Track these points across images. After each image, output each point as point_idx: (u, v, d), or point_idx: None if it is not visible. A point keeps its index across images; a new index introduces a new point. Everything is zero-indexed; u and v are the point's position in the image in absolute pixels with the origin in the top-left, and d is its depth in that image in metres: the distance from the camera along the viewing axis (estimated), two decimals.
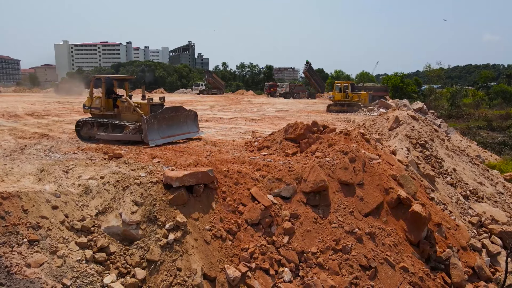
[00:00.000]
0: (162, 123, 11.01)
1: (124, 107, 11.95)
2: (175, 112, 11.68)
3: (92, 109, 12.34)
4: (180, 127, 11.73)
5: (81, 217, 5.51)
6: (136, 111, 11.34)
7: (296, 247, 6.17)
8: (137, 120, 11.30)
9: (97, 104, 12.21)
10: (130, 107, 11.67)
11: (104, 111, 12.06)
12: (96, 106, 12.21)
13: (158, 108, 11.67)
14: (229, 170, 7.00)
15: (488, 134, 29.16)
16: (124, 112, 11.94)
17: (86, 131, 12.09)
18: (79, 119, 12.57)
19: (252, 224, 6.27)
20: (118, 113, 12.06)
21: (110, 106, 12.22)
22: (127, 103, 11.74)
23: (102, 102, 12.08)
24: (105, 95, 12.14)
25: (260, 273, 5.64)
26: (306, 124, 9.72)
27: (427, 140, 10.28)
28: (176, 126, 11.57)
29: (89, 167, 7.38)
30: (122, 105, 11.97)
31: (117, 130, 11.46)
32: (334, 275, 5.85)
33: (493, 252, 7.64)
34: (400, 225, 7.05)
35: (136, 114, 11.40)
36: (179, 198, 5.97)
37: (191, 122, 12.23)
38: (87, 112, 12.72)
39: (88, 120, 12.13)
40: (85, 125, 12.18)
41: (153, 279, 5.14)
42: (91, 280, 4.81)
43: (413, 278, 6.13)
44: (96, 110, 12.19)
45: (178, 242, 5.49)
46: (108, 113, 12.06)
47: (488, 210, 8.79)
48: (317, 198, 6.94)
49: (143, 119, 10.45)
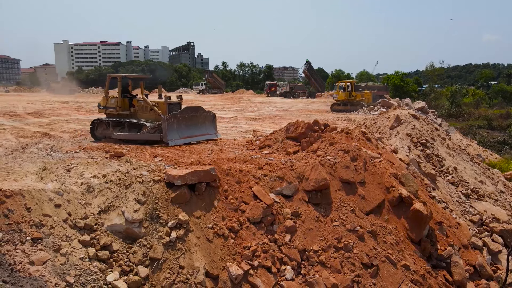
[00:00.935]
0: (181, 123, 10.84)
1: (140, 107, 11.81)
2: (195, 112, 11.46)
3: (107, 109, 12.16)
4: (198, 128, 11.51)
5: (84, 215, 5.52)
6: (153, 110, 11.17)
7: (298, 245, 6.18)
8: (155, 119, 11.16)
9: (112, 103, 12.03)
10: (147, 106, 11.49)
11: (120, 110, 11.87)
12: (111, 106, 12.04)
13: (175, 107, 11.51)
14: (230, 168, 7.01)
15: (488, 133, 29.18)
16: (141, 111, 11.81)
17: (102, 131, 11.94)
18: (95, 119, 12.39)
19: (254, 222, 6.28)
20: (134, 112, 11.94)
21: (125, 105, 12.08)
22: (144, 102, 11.56)
23: (118, 101, 11.89)
24: (121, 95, 11.96)
25: (262, 271, 5.65)
26: (307, 122, 9.73)
27: (428, 139, 10.30)
28: (194, 127, 11.37)
29: (91, 165, 7.40)
30: (139, 105, 11.84)
31: (133, 130, 11.31)
32: (336, 273, 5.86)
33: (494, 251, 7.66)
34: (402, 224, 7.06)
35: (153, 114, 11.25)
36: (181, 196, 5.99)
37: (209, 124, 11.98)
38: (102, 112, 12.56)
39: (104, 120, 11.98)
40: (100, 125, 12.03)
41: (155, 277, 5.16)
42: (94, 278, 4.83)
43: (415, 276, 6.14)
44: (112, 109, 12.02)
45: (181, 240, 5.51)
46: (124, 112, 11.90)
47: (489, 208, 8.81)
48: (319, 197, 6.95)
49: (163, 118, 10.27)
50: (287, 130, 9.97)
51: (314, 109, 27.42)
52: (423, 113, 19.95)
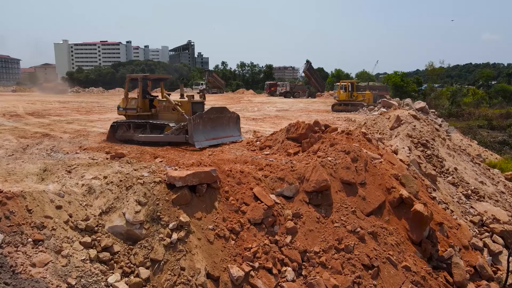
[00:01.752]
0: (207, 124, 10.49)
1: (162, 107, 11.48)
2: (220, 113, 11.14)
3: (127, 110, 11.84)
4: (223, 129, 11.18)
5: (85, 217, 5.53)
6: (176, 110, 10.88)
7: (299, 246, 6.19)
8: (177, 120, 10.84)
9: (133, 105, 11.72)
10: (169, 106, 11.17)
11: (140, 111, 11.57)
12: (132, 107, 11.72)
13: (199, 106, 11.21)
14: (231, 169, 7.02)
15: (489, 133, 29.18)
16: (162, 112, 11.51)
17: (122, 134, 11.64)
18: (115, 121, 12.02)
19: (255, 224, 6.29)
20: (156, 113, 11.64)
21: (146, 106, 11.76)
22: (167, 102, 11.24)
23: (139, 102, 11.58)
24: (141, 95, 11.68)
25: (263, 272, 5.66)
26: (308, 123, 9.71)
27: (429, 140, 10.30)
28: (219, 128, 11.04)
29: (92, 167, 7.41)
30: (160, 105, 11.53)
31: (156, 131, 11.01)
32: (337, 274, 5.87)
33: (495, 251, 7.66)
34: (402, 225, 7.07)
35: (176, 114, 10.96)
36: (182, 197, 5.99)
37: (233, 125, 11.69)
38: (121, 113, 12.20)
39: (124, 122, 11.62)
40: (120, 127, 11.71)
41: (157, 278, 5.16)
42: (95, 280, 4.83)
43: (415, 277, 6.15)
44: (132, 111, 11.70)
45: (182, 241, 5.51)
46: (145, 113, 11.61)
47: (489, 209, 8.81)
48: (320, 198, 6.96)
49: (189, 119, 9.95)
50: (288, 131, 9.97)
51: (314, 109, 27.41)
52: (424, 113, 19.94)
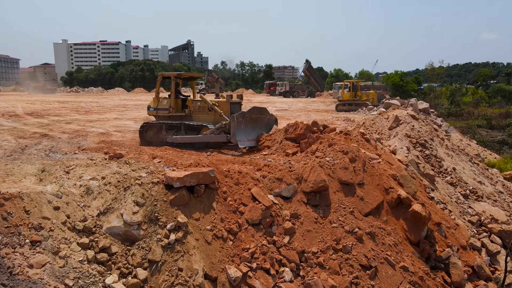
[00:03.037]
0: (248, 124, 10.09)
1: (196, 107, 11.10)
2: (260, 114, 10.69)
3: (158, 111, 11.39)
4: (262, 131, 10.72)
5: (83, 218, 5.52)
6: (212, 111, 10.54)
7: (297, 247, 6.19)
8: (214, 121, 10.56)
9: (164, 105, 11.28)
10: (204, 107, 10.80)
11: (173, 112, 11.14)
12: (163, 107, 11.28)
13: (236, 106, 10.90)
14: (229, 170, 7.02)
15: (488, 132, 29.17)
16: (197, 112, 11.12)
17: (152, 135, 11.17)
18: (145, 122, 11.50)
19: (253, 224, 6.29)
20: (189, 114, 11.22)
21: (179, 106, 11.33)
22: (204, 102, 10.84)
23: (171, 102, 11.17)
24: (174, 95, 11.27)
25: (261, 273, 5.66)
26: (306, 124, 9.69)
27: (427, 140, 10.31)
28: (259, 130, 10.62)
29: (90, 167, 7.39)
30: (194, 105, 11.14)
31: (191, 133, 10.61)
32: (335, 275, 5.88)
33: (493, 251, 7.67)
34: (400, 225, 7.07)
35: (212, 115, 10.63)
36: (180, 198, 5.99)
37: (271, 128, 11.10)
38: (152, 114, 11.71)
39: (155, 123, 11.16)
40: (150, 128, 11.23)
41: (154, 279, 5.17)
42: (93, 281, 4.84)
43: (413, 278, 6.16)
44: (164, 111, 11.26)
45: (180, 242, 5.51)
46: (178, 114, 11.16)
47: (487, 209, 8.82)
48: (318, 198, 6.96)
49: (232, 117, 9.60)
50: (286, 131, 9.96)
51: (314, 109, 27.41)
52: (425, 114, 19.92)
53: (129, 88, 73.37)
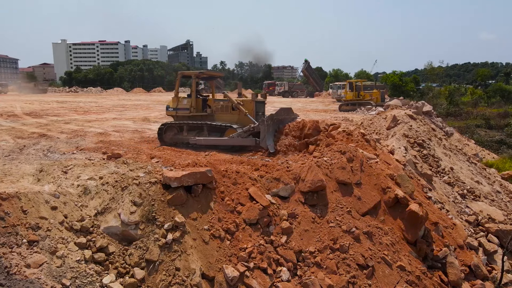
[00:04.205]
0: (275, 126, 9.62)
1: (219, 107, 10.57)
2: (286, 114, 10.26)
3: (178, 111, 10.90)
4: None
5: (80, 218, 5.54)
6: (237, 110, 10.11)
7: (294, 246, 6.21)
8: (238, 121, 10.13)
9: (185, 104, 10.79)
10: (228, 106, 10.33)
11: (194, 112, 10.64)
12: (184, 107, 10.79)
13: (261, 106, 10.45)
14: (227, 170, 7.03)
15: (486, 132, 29.24)
16: (219, 112, 10.58)
17: (172, 136, 10.74)
18: (164, 123, 11.03)
19: (251, 224, 6.31)
20: (211, 113, 10.67)
21: (199, 106, 10.83)
22: (229, 100, 10.32)
23: (192, 102, 10.69)
24: (195, 94, 10.75)
25: (258, 272, 5.68)
26: (314, 122, 9.23)
27: (425, 139, 10.33)
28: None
29: (88, 167, 7.40)
30: (216, 105, 10.63)
31: (214, 134, 10.16)
32: (332, 274, 5.90)
33: (490, 251, 7.70)
34: (398, 224, 7.10)
35: (236, 115, 10.18)
36: (178, 198, 6.01)
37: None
38: (171, 114, 11.21)
39: (175, 124, 10.70)
40: (170, 129, 10.76)
41: (152, 279, 5.18)
42: (90, 280, 4.85)
43: (410, 277, 6.18)
44: (184, 111, 10.77)
45: (177, 242, 5.53)
46: (199, 114, 10.69)
47: (485, 209, 8.85)
48: (315, 198, 6.98)
49: (262, 120, 9.07)
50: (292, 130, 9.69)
51: (312, 109, 27.40)
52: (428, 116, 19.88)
53: (128, 88, 73.32)
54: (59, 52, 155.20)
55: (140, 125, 15.96)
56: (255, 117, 10.06)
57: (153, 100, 39.03)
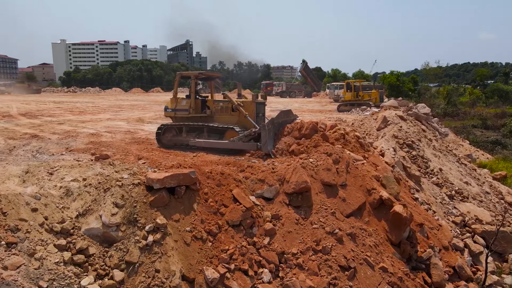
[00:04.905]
0: (276, 130, 9.43)
1: (219, 108, 10.43)
2: (287, 116, 10.10)
3: (177, 112, 10.76)
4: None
5: (61, 219, 5.54)
6: (237, 111, 9.96)
7: (277, 248, 6.22)
8: (238, 122, 10.02)
9: (184, 105, 10.62)
10: (227, 107, 10.20)
11: (193, 113, 10.49)
12: (182, 108, 10.61)
13: (261, 107, 10.29)
14: (212, 171, 7.04)
15: (483, 132, 29.21)
16: (219, 113, 10.43)
17: (171, 138, 10.57)
18: (162, 124, 10.86)
19: (233, 225, 6.32)
20: (211, 114, 10.52)
21: (199, 107, 10.65)
22: (229, 102, 10.16)
23: (191, 103, 10.52)
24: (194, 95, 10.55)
25: (239, 274, 5.69)
26: (312, 123, 9.15)
27: (414, 140, 10.33)
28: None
29: (74, 168, 7.40)
30: (216, 106, 10.50)
31: (214, 135, 10.02)
32: (313, 276, 5.90)
33: (475, 252, 7.71)
34: (382, 226, 7.11)
35: (236, 116, 10.04)
36: (160, 199, 6.01)
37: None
38: (170, 115, 11.07)
39: (173, 125, 10.52)
40: (168, 130, 10.60)
41: (131, 280, 5.19)
42: (68, 282, 4.85)
43: (392, 278, 6.18)
44: (183, 112, 10.61)
45: (158, 243, 5.54)
46: (198, 115, 10.51)
47: (472, 209, 8.85)
48: (300, 199, 6.99)
49: (263, 125, 8.89)
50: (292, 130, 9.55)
51: (308, 109, 27.40)
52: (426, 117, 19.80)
53: (126, 88, 73.34)
54: (58, 52, 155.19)
55: (133, 126, 15.96)
56: (255, 119, 9.95)
57: (150, 100, 39.03)
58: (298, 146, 8.92)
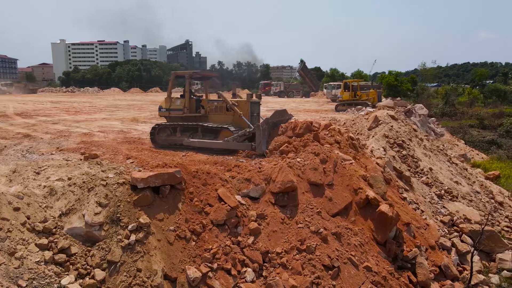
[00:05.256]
0: (270, 130, 9.35)
1: (213, 107, 10.42)
2: (281, 116, 10.00)
3: (171, 111, 10.71)
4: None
5: (43, 219, 5.55)
6: (231, 111, 9.92)
7: (261, 247, 6.22)
8: (232, 122, 10.00)
9: (178, 105, 10.56)
10: (222, 107, 10.16)
11: (187, 112, 10.47)
12: (177, 108, 10.56)
13: (256, 107, 10.23)
14: (198, 171, 7.04)
15: (479, 132, 29.21)
16: (214, 113, 10.42)
17: (165, 138, 10.56)
18: (156, 124, 10.84)
19: (218, 225, 6.32)
20: (205, 114, 10.51)
21: (193, 107, 10.62)
22: (223, 101, 10.12)
23: (186, 102, 10.46)
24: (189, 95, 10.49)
25: (221, 273, 5.69)
26: (306, 123, 9.10)
27: (405, 140, 10.33)
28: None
29: (62, 168, 7.41)
30: (211, 105, 10.48)
31: (208, 135, 9.98)
32: (297, 275, 5.91)
33: (462, 251, 7.71)
34: (368, 225, 7.11)
35: (231, 116, 10.01)
36: (144, 199, 6.02)
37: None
38: (164, 115, 11.01)
39: (168, 125, 10.50)
40: (162, 130, 10.58)
41: (112, 280, 5.19)
42: (48, 282, 4.86)
43: (376, 278, 6.19)
44: (177, 112, 10.56)
45: (140, 243, 5.54)
46: (192, 115, 10.51)
47: (461, 209, 8.85)
48: (286, 199, 6.99)
49: (257, 125, 8.89)
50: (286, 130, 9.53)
51: (305, 109, 27.40)
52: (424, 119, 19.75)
53: (125, 88, 73.35)
54: (58, 52, 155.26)
55: (127, 126, 15.97)
56: (249, 118, 9.91)
57: (148, 100, 39.05)
58: (288, 145, 8.93)
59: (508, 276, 7.63)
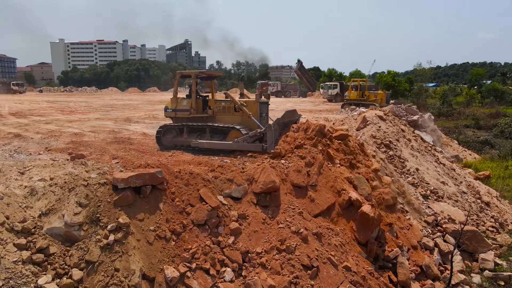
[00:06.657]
0: (281, 130, 9.22)
1: (221, 108, 10.29)
2: (292, 116, 9.88)
3: (177, 112, 10.54)
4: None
5: (23, 219, 5.58)
6: (239, 111, 9.80)
7: (241, 247, 6.27)
8: (241, 122, 9.84)
9: (184, 105, 10.42)
10: (230, 107, 10.03)
11: (194, 113, 10.31)
12: (183, 108, 10.41)
13: (264, 107, 10.15)
14: (180, 171, 7.08)
15: (474, 132, 29.26)
16: (221, 113, 10.28)
17: (171, 139, 10.36)
18: (163, 125, 10.61)
19: (199, 225, 6.36)
20: (212, 114, 10.37)
21: (200, 107, 10.50)
22: (231, 102, 9.98)
23: (193, 103, 10.33)
24: (196, 95, 10.38)
25: (200, 273, 5.74)
26: (319, 126, 8.82)
27: (392, 140, 10.38)
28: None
29: (46, 168, 7.44)
30: (218, 105, 10.35)
31: (217, 136, 9.80)
32: (275, 275, 5.95)
33: (445, 251, 7.76)
34: (350, 226, 7.16)
35: (239, 116, 9.89)
36: (124, 199, 6.06)
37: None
38: (170, 115, 10.83)
39: (174, 126, 10.32)
40: (168, 131, 10.38)
41: (90, 279, 5.23)
42: (25, 281, 4.89)
43: (355, 277, 6.23)
44: (184, 112, 10.39)
45: (119, 243, 5.58)
46: (199, 115, 10.36)
47: (446, 209, 8.90)
48: (268, 199, 7.04)
49: (269, 125, 8.77)
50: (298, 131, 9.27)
51: (301, 109, 27.36)
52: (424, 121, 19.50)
53: (123, 88, 73.42)
54: (57, 51, 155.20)
55: (119, 126, 16.00)
56: (258, 119, 9.79)
57: (144, 100, 39.08)
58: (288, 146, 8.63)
59: (489, 276, 7.68)
